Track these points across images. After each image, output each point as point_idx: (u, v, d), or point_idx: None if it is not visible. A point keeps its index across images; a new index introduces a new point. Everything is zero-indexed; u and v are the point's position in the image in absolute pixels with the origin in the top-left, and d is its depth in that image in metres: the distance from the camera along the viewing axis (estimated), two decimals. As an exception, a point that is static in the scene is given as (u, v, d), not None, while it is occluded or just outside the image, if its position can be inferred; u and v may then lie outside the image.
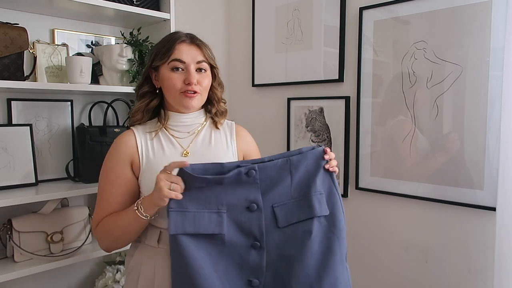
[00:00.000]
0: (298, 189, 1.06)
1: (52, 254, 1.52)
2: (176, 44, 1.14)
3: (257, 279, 1.03)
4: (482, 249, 1.43)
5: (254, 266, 1.03)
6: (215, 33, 2.25)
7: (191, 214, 0.99)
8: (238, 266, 1.02)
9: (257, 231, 1.02)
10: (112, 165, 1.16)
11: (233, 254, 1.02)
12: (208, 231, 1.00)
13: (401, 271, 1.65)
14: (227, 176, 1.00)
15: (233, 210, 1.02)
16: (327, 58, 1.83)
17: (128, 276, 1.21)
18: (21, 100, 1.63)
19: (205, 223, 1.00)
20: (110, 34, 1.88)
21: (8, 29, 1.44)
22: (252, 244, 1.02)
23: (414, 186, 1.58)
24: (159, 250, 1.14)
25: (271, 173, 1.04)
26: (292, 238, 1.04)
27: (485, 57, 1.37)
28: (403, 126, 1.59)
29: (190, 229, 0.99)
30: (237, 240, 1.02)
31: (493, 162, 1.37)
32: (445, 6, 1.46)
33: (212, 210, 1.01)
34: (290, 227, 1.04)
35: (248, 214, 1.02)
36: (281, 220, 1.03)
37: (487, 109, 1.38)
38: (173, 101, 1.17)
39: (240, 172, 1.01)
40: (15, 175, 1.55)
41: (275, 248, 1.03)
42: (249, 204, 1.02)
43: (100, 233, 1.14)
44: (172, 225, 0.98)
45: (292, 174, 1.05)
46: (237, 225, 1.02)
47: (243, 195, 1.03)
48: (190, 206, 1.00)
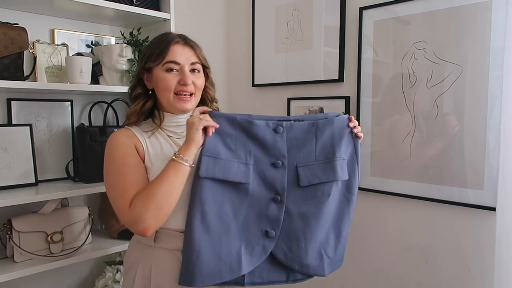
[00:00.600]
0: (323, 153, 1.11)
1: (52, 254, 1.52)
2: (170, 46, 1.14)
3: (273, 230, 1.09)
4: (482, 249, 1.43)
5: (272, 218, 1.09)
6: (215, 33, 2.25)
7: (222, 161, 1.05)
8: (257, 216, 1.09)
9: (279, 187, 1.09)
10: (124, 151, 1.11)
11: (253, 204, 1.08)
12: (236, 179, 1.05)
13: (401, 271, 1.65)
14: (255, 122, 1.07)
15: (259, 164, 1.08)
16: (327, 58, 1.83)
17: (125, 276, 1.22)
18: (21, 100, 1.63)
19: (234, 172, 1.05)
20: (110, 34, 1.88)
21: (8, 29, 1.44)
22: (273, 197, 1.09)
23: (414, 186, 1.58)
24: (155, 250, 1.15)
25: (298, 133, 1.10)
26: (311, 197, 1.10)
27: (485, 57, 1.37)
28: (400, 124, 1.59)
29: (220, 175, 1.04)
30: (259, 192, 1.08)
31: (493, 162, 1.37)
32: (445, 6, 1.46)
33: (240, 160, 1.06)
34: (311, 187, 1.10)
35: (273, 169, 1.09)
36: (303, 180, 1.09)
37: (487, 109, 1.37)
38: (167, 103, 1.16)
39: (268, 125, 1.08)
40: (15, 175, 1.55)
41: (294, 205, 1.10)
42: (275, 160, 1.08)
43: (138, 207, 1.02)
44: (203, 168, 1.03)
45: (317, 137, 1.11)
46: (261, 178, 1.08)
47: (269, 151, 1.08)
48: (222, 154, 1.05)
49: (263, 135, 1.08)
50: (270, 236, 1.09)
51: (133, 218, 1.02)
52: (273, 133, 1.08)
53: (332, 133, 1.11)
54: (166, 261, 1.13)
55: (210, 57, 1.27)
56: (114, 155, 1.11)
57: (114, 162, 1.11)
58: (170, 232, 1.13)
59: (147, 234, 1.03)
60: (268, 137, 1.08)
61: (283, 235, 1.10)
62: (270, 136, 1.08)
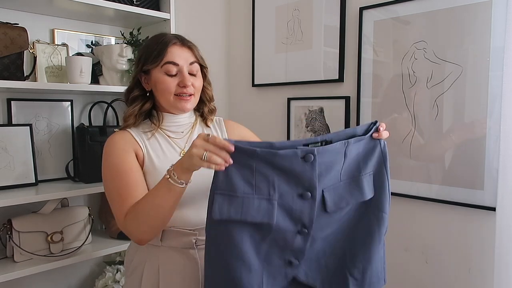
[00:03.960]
0: (347, 171, 0.98)
1: (52, 254, 1.52)
2: (168, 47, 1.13)
3: (297, 259, 1.00)
4: (482, 249, 1.43)
5: (297, 249, 0.99)
6: (215, 33, 2.25)
7: (239, 199, 0.90)
8: (280, 249, 0.98)
9: (307, 220, 0.95)
10: (120, 157, 1.10)
11: (277, 239, 0.95)
12: (256, 219, 0.91)
13: (401, 271, 1.65)
14: (280, 153, 0.90)
15: (284, 197, 0.93)
16: (327, 58, 1.83)
17: (129, 278, 1.21)
18: (21, 100, 1.63)
19: (254, 211, 0.90)
20: (110, 34, 1.88)
21: (8, 29, 1.44)
22: (299, 230, 0.96)
23: (414, 186, 1.58)
24: (162, 249, 1.14)
25: (329, 157, 0.94)
26: (337, 220, 1.00)
27: (485, 57, 1.37)
28: (400, 124, 1.59)
29: (237, 216, 0.90)
30: (284, 226, 0.94)
31: (493, 162, 1.37)
32: (445, 6, 1.46)
33: (262, 196, 0.91)
34: (337, 212, 0.98)
35: (300, 202, 0.94)
36: (330, 205, 0.96)
37: (487, 109, 1.37)
38: (167, 104, 1.16)
39: (296, 154, 0.91)
40: (15, 175, 1.55)
41: (319, 231, 0.98)
42: (303, 191, 0.93)
43: (131, 220, 1.02)
44: (216, 209, 0.90)
45: (346, 157, 0.97)
46: (287, 212, 0.94)
47: (297, 182, 0.93)
48: (239, 190, 0.90)
49: (290, 166, 0.91)
50: (294, 265, 1.00)
51: (126, 230, 1.05)
52: (302, 162, 0.91)
53: (358, 150, 0.99)
54: (175, 260, 1.13)
55: (210, 57, 1.27)
56: (109, 161, 1.11)
57: (110, 169, 1.11)
58: (178, 231, 1.13)
59: (141, 244, 1.08)
60: (295, 167, 0.91)
61: (305, 259, 1.01)
62: (298, 166, 0.91)
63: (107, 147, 1.14)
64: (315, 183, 0.93)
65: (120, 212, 1.05)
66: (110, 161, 1.11)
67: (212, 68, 1.26)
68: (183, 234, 1.12)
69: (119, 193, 1.07)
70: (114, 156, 1.11)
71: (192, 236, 1.13)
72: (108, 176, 1.11)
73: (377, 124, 1.00)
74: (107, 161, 1.12)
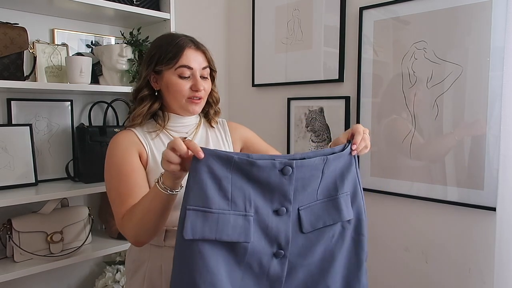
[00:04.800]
0: (324, 190, 0.93)
1: (52, 254, 1.52)
2: (184, 50, 1.13)
3: None
4: (482, 249, 1.43)
5: (274, 277, 0.90)
6: (215, 33, 2.25)
7: (214, 216, 0.82)
8: (256, 277, 0.89)
9: (283, 239, 0.89)
10: (122, 157, 1.11)
11: (252, 263, 0.88)
12: (233, 238, 0.83)
13: (401, 271, 1.65)
14: (258, 163, 0.84)
15: (260, 213, 0.86)
16: (327, 58, 1.83)
17: (131, 279, 1.20)
18: (21, 100, 1.63)
19: (229, 229, 0.83)
20: (110, 34, 1.88)
21: (8, 29, 1.44)
22: (275, 252, 0.89)
23: (414, 186, 1.58)
24: (165, 249, 1.13)
25: (306, 172, 0.89)
26: (315, 245, 0.93)
27: (485, 57, 1.37)
28: (400, 124, 1.59)
29: (211, 235, 0.82)
30: (259, 248, 0.87)
31: (493, 162, 1.37)
32: (445, 6, 1.46)
33: (238, 212, 0.84)
34: (314, 232, 0.93)
35: (276, 218, 0.88)
36: (306, 225, 0.91)
37: (487, 109, 1.38)
38: (178, 106, 1.16)
39: (274, 165, 0.85)
40: (15, 175, 1.55)
41: (297, 256, 0.92)
42: (278, 207, 0.88)
43: (126, 222, 1.02)
44: (188, 227, 0.81)
45: (323, 175, 0.92)
46: (262, 230, 0.87)
47: (273, 196, 0.88)
48: (214, 205, 0.82)
49: (266, 178, 0.86)
50: None
51: (123, 232, 1.05)
52: (280, 175, 0.86)
53: (335, 168, 0.94)
54: None
55: (210, 57, 1.27)
56: (112, 161, 1.12)
57: (111, 168, 1.11)
58: None
59: (138, 246, 1.07)
60: (272, 179, 0.86)
61: None
62: (275, 178, 0.86)
63: (110, 147, 1.14)
64: (291, 198, 0.88)
65: (119, 213, 1.06)
66: (112, 161, 1.12)
67: (212, 68, 1.26)
68: None
69: (119, 194, 1.07)
70: (117, 157, 1.11)
71: None
72: (110, 176, 1.11)
73: (350, 143, 0.97)
74: (110, 161, 1.12)
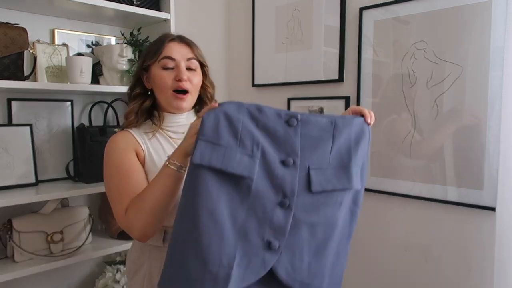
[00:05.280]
0: (337, 157, 0.95)
1: (52, 254, 1.52)
2: (165, 43, 1.15)
3: (277, 240, 0.91)
4: (482, 249, 1.43)
5: (277, 226, 0.91)
6: (215, 33, 2.25)
7: (221, 148, 0.87)
8: (259, 221, 0.90)
9: (288, 189, 0.91)
10: (121, 156, 1.11)
11: (256, 207, 0.90)
12: (237, 171, 0.87)
13: (401, 271, 1.65)
14: (265, 109, 0.92)
15: (266, 159, 0.90)
16: (327, 58, 1.83)
17: (131, 279, 1.20)
18: (21, 100, 1.63)
19: (235, 162, 0.87)
20: (110, 34, 1.88)
21: (8, 29, 1.44)
22: (280, 201, 0.91)
23: (414, 186, 1.58)
24: (165, 250, 1.12)
25: (313, 130, 0.93)
26: (322, 206, 0.95)
27: (485, 57, 1.37)
28: (400, 124, 1.59)
29: (217, 164, 0.86)
30: (264, 192, 0.90)
31: (493, 162, 1.37)
32: (445, 6, 1.46)
33: (245, 151, 0.89)
34: (322, 195, 0.94)
35: (282, 168, 0.91)
36: (315, 185, 0.92)
37: (487, 109, 1.38)
38: (165, 102, 1.16)
39: (280, 115, 0.92)
40: (15, 175, 1.55)
41: (302, 212, 0.93)
42: (285, 157, 0.91)
43: (133, 214, 1.00)
44: (198, 153, 0.87)
45: (334, 139, 0.95)
46: (268, 177, 0.90)
47: (280, 146, 0.92)
48: (223, 140, 0.88)
49: (273, 126, 0.91)
50: (273, 248, 0.91)
51: (127, 226, 1.03)
52: (286, 125, 0.92)
53: (349, 136, 0.96)
54: None
55: (210, 57, 1.27)
56: (110, 161, 1.12)
57: (110, 168, 1.11)
58: None
59: (143, 240, 1.04)
60: (279, 129, 0.92)
61: (286, 247, 0.92)
62: (282, 129, 0.92)
63: (108, 147, 1.14)
64: (297, 150, 0.92)
65: (120, 209, 1.04)
66: (111, 161, 1.12)
67: (212, 68, 1.26)
68: None
69: (119, 191, 1.07)
70: (115, 156, 1.12)
71: None
72: (110, 176, 1.11)
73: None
74: (109, 161, 1.12)
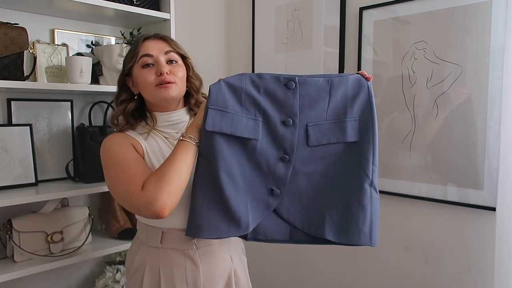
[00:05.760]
0: (334, 112, 1.06)
1: (52, 254, 1.52)
2: (140, 42, 1.15)
3: (278, 189, 1.06)
4: (482, 249, 1.43)
5: (279, 177, 1.06)
6: (215, 33, 2.25)
7: (229, 115, 1.01)
8: (263, 174, 1.05)
9: (288, 146, 1.04)
10: (121, 149, 1.10)
11: (261, 161, 1.05)
12: (244, 134, 1.02)
13: (401, 271, 1.65)
14: (264, 75, 1.03)
15: (268, 121, 1.04)
16: (327, 58, 1.83)
17: (130, 280, 1.21)
18: (21, 100, 1.63)
19: (242, 126, 1.01)
20: (110, 34, 1.88)
21: (8, 29, 1.44)
22: (281, 157, 1.05)
23: (414, 186, 1.58)
24: (162, 251, 1.14)
25: (311, 90, 1.04)
26: (319, 158, 1.06)
27: (485, 57, 1.37)
28: (400, 124, 1.59)
29: (227, 129, 1.00)
30: (267, 150, 1.04)
31: (493, 162, 1.37)
32: (445, 6, 1.46)
33: (249, 116, 1.03)
34: (319, 148, 1.06)
35: (283, 128, 1.04)
36: (312, 139, 1.05)
37: (487, 109, 1.37)
38: (152, 98, 1.15)
39: (279, 79, 1.03)
40: (15, 175, 1.55)
41: (301, 164, 1.06)
42: (285, 118, 1.04)
43: (153, 187, 0.99)
44: (209, 120, 0.99)
45: (331, 96, 1.05)
46: (270, 136, 1.04)
47: (280, 108, 1.04)
48: (229, 107, 1.01)
49: (273, 90, 1.03)
50: (275, 194, 1.06)
51: (148, 199, 0.98)
52: (285, 88, 1.03)
53: (346, 92, 1.06)
54: (175, 262, 1.13)
55: (210, 57, 1.27)
56: (112, 153, 1.10)
57: (114, 159, 1.09)
58: (178, 232, 1.13)
59: (163, 214, 0.99)
60: (278, 93, 1.03)
61: (288, 193, 1.07)
62: (281, 92, 1.03)
63: (105, 144, 1.13)
64: (296, 110, 1.04)
65: (135, 188, 1.01)
66: (112, 154, 1.10)
67: (212, 68, 1.26)
68: (183, 236, 1.12)
69: (128, 174, 1.04)
70: (115, 150, 1.10)
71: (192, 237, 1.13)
72: (112, 165, 1.08)
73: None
74: (108, 154, 1.11)
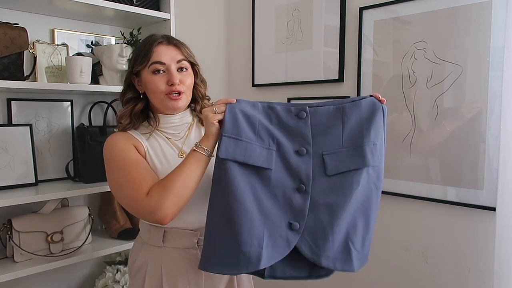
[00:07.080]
0: (350, 139, 1.04)
1: (52, 254, 1.52)
2: (153, 47, 1.13)
3: (297, 222, 1.01)
4: (482, 249, 1.43)
5: (297, 209, 1.02)
6: (215, 33, 2.25)
7: (243, 143, 0.99)
8: (280, 206, 1.02)
9: (304, 176, 1.02)
10: (124, 150, 1.10)
11: (277, 193, 1.01)
12: (257, 163, 0.99)
13: (401, 271, 1.65)
14: (276, 107, 1.03)
15: (282, 151, 1.02)
16: (327, 58, 1.83)
17: (132, 279, 1.21)
18: (21, 100, 1.63)
19: (256, 155, 0.99)
20: (110, 34, 1.88)
21: (8, 29, 1.44)
22: (297, 187, 1.02)
23: (414, 186, 1.58)
24: (164, 250, 1.15)
25: (323, 119, 1.04)
26: (339, 187, 1.02)
27: (485, 57, 1.37)
28: (400, 124, 1.59)
29: (240, 157, 0.98)
30: (283, 180, 1.02)
31: (493, 162, 1.37)
32: (445, 6, 1.46)
33: (263, 145, 1.01)
34: (338, 176, 1.02)
35: (297, 157, 1.02)
36: (330, 168, 1.02)
37: (487, 109, 1.37)
38: (159, 104, 1.16)
39: (290, 110, 1.03)
40: (15, 175, 1.55)
41: (320, 195, 1.02)
42: (299, 147, 1.02)
43: (158, 195, 1.00)
44: (223, 148, 0.98)
45: (344, 123, 1.04)
46: (285, 166, 1.02)
47: (293, 137, 1.03)
48: (243, 135, 1.00)
49: (285, 120, 1.03)
50: (294, 228, 1.01)
51: (151, 207, 1.00)
52: (296, 118, 1.03)
53: (360, 117, 1.04)
54: (177, 261, 1.14)
55: (210, 57, 1.27)
56: (115, 155, 1.10)
57: (117, 161, 1.09)
58: (180, 231, 1.14)
59: (165, 222, 1.01)
60: (290, 123, 1.03)
61: (308, 228, 1.02)
62: (293, 122, 1.03)
63: (108, 144, 1.14)
64: (309, 139, 1.03)
65: (139, 193, 1.02)
66: (115, 154, 1.10)
67: (212, 68, 1.26)
68: (185, 235, 1.14)
69: (132, 178, 1.05)
70: (118, 149, 1.11)
71: (194, 236, 1.14)
72: (115, 167, 1.09)
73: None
74: (111, 156, 1.11)
